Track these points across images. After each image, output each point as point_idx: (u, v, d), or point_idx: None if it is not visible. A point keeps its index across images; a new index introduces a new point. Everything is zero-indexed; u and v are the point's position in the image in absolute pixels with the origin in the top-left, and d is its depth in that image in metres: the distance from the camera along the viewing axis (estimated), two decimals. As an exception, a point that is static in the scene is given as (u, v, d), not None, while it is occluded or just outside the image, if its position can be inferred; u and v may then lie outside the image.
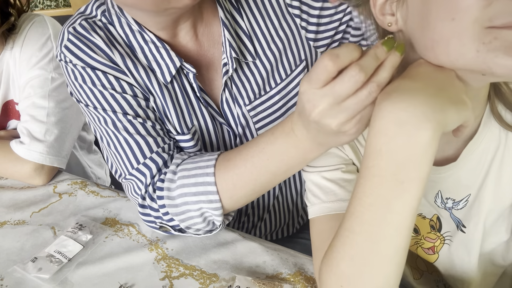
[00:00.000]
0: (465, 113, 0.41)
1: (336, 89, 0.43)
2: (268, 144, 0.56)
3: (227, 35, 0.67)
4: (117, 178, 0.72)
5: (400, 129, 0.39)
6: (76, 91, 0.70)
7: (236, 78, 0.72)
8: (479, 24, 0.36)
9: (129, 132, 0.67)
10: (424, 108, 0.38)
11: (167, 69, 0.68)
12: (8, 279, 0.67)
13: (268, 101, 0.75)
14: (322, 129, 0.47)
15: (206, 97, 0.72)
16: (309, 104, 0.45)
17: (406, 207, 0.40)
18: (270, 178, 0.59)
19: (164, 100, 0.69)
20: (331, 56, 0.41)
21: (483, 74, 0.40)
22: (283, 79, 0.74)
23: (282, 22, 0.71)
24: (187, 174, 0.63)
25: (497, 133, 0.53)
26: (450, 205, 0.59)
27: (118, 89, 0.68)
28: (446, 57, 0.41)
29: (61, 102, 0.94)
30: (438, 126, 0.38)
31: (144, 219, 0.69)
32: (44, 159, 0.90)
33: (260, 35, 0.71)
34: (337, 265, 0.45)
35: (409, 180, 0.40)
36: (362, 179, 0.42)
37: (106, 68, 0.68)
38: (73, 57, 0.68)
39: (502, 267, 0.64)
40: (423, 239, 0.64)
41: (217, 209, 0.62)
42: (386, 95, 0.41)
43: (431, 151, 0.39)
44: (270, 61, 0.72)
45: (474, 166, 0.54)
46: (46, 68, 0.93)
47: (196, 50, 0.71)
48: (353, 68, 0.42)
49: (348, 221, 0.44)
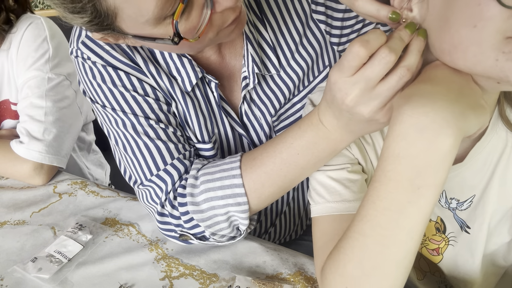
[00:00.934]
0: (484, 117, 0.41)
1: (368, 73, 0.42)
2: (296, 139, 0.55)
3: (250, 50, 0.66)
4: (131, 184, 0.69)
5: (421, 134, 0.38)
6: (92, 90, 0.67)
7: (259, 90, 0.70)
8: (501, 34, 0.36)
9: (150, 137, 0.65)
10: (445, 114, 0.38)
11: (187, 79, 0.66)
12: (8, 279, 0.67)
13: (291, 109, 0.73)
14: (354, 117, 0.47)
15: (226, 107, 0.70)
16: (341, 93, 0.45)
17: (421, 213, 0.40)
18: (299, 173, 0.58)
19: (187, 108, 0.68)
20: (361, 42, 0.41)
21: (498, 82, 0.39)
22: (306, 86, 0.72)
23: (306, 31, 0.69)
24: (211, 178, 0.61)
25: (504, 136, 0.53)
26: (454, 206, 0.59)
27: (141, 92, 0.65)
28: (463, 62, 0.40)
29: (58, 102, 0.95)
30: (459, 132, 0.38)
31: (162, 227, 0.67)
32: (44, 158, 0.89)
33: (285, 46, 0.69)
34: (343, 266, 0.45)
35: (426, 186, 0.39)
36: (377, 183, 0.42)
37: (128, 68, 0.65)
38: (92, 54, 0.64)
39: (503, 267, 0.64)
40: (428, 241, 0.64)
41: (244, 212, 0.61)
42: (406, 99, 0.41)
43: (451, 157, 0.39)
44: (296, 72, 0.70)
45: (479, 167, 0.54)
46: (43, 69, 0.94)
47: (218, 61, 0.70)
48: (382, 50, 0.41)
49: (359, 223, 0.43)
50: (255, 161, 0.60)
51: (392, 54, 0.41)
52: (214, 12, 0.52)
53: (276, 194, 0.61)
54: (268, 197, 0.61)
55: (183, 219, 0.64)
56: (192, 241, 0.67)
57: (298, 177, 0.59)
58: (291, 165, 0.57)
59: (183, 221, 0.64)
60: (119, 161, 0.70)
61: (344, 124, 0.50)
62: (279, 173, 0.58)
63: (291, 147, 0.56)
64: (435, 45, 0.43)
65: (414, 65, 0.43)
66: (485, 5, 0.35)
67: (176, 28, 0.50)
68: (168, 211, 0.64)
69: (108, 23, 0.51)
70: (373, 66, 0.42)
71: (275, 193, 0.61)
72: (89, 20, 0.49)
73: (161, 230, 0.67)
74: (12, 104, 1.03)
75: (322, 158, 0.56)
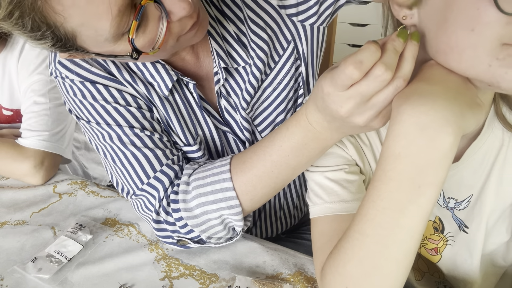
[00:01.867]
0: (480, 115, 0.41)
1: (363, 89, 0.42)
2: (285, 141, 0.56)
3: (214, 45, 0.65)
4: (124, 196, 0.69)
5: (421, 133, 0.38)
6: (76, 108, 0.67)
7: (233, 84, 0.70)
8: (497, 39, 0.36)
9: (137, 146, 0.65)
10: (445, 112, 0.38)
11: (163, 83, 0.65)
12: (8, 279, 0.67)
13: (262, 96, 0.72)
14: (347, 124, 0.47)
15: (207, 106, 0.70)
16: (335, 105, 0.45)
17: (421, 212, 0.40)
18: (291, 173, 0.58)
19: (166, 113, 0.68)
20: (355, 65, 0.41)
21: (490, 85, 0.40)
22: (273, 68, 0.71)
23: (259, 13, 0.67)
24: (202, 182, 0.62)
25: (500, 135, 0.53)
26: (452, 205, 0.59)
27: (122, 102, 0.65)
28: (457, 64, 0.40)
29: (59, 99, 0.99)
30: (459, 130, 0.38)
31: (159, 235, 0.67)
32: (48, 146, 0.92)
33: (250, 34, 0.68)
34: (343, 266, 0.45)
35: (426, 185, 0.39)
36: (377, 182, 0.42)
37: (106, 80, 0.65)
38: (69, 72, 0.65)
39: (503, 267, 0.64)
40: (426, 240, 0.64)
41: (237, 214, 0.61)
42: (405, 98, 0.41)
43: (451, 155, 0.39)
44: (261, 58, 0.69)
45: (476, 166, 0.54)
46: (44, 72, 0.98)
47: (193, 61, 0.70)
48: (378, 68, 0.41)
49: (359, 223, 0.44)
50: (245, 164, 0.60)
51: (388, 72, 0.41)
52: (170, 21, 0.52)
53: (269, 194, 0.62)
54: (262, 198, 0.62)
55: (178, 224, 0.64)
56: (190, 245, 0.67)
57: (290, 177, 0.60)
58: (282, 166, 0.57)
59: (179, 226, 0.64)
60: (110, 174, 0.70)
61: (336, 127, 0.50)
62: (271, 175, 0.58)
63: (280, 149, 0.56)
64: (431, 44, 0.43)
65: (410, 73, 0.43)
66: (484, 10, 0.35)
67: (133, 44, 0.51)
68: (163, 217, 0.64)
69: (70, 45, 0.51)
70: (368, 83, 0.42)
71: (268, 194, 0.62)
72: (51, 44, 0.50)
73: (159, 237, 0.67)
74: (4, 109, 1.06)
75: (313, 157, 0.56)
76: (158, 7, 0.50)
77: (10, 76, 1.02)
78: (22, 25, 0.46)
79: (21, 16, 0.45)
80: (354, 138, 0.60)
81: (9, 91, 1.03)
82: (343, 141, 0.60)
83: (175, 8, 0.50)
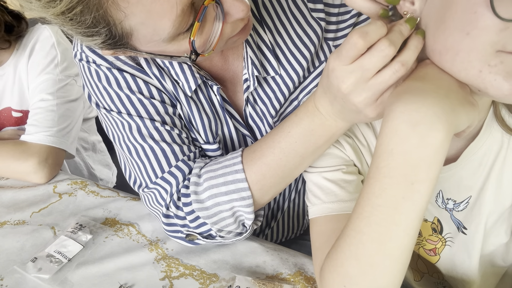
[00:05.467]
0: (473, 114, 0.41)
1: (365, 63, 0.43)
2: (293, 127, 0.56)
3: (249, 53, 0.65)
4: (135, 189, 0.69)
5: (413, 129, 0.39)
6: (97, 94, 0.66)
7: (261, 92, 0.70)
8: (491, 46, 0.36)
9: (155, 139, 0.64)
10: (436, 109, 0.38)
11: (187, 84, 0.65)
12: (8, 279, 0.67)
13: (289, 107, 0.73)
14: (346, 105, 0.48)
15: (230, 109, 0.70)
16: (337, 80, 0.46)
17: (415, 208, 0.40)
18: (299, 161, 0.58)
19: (190, 110, 0.67)
20: (360, 34, 0.42)
21: (479, 90, 0.40)
22: (301, 83, 0.72)
23: (307, 30, 0.68)
24: (214, 174, 0.62)
25: (499, 137, 0.53)
26: (451, 206, 0.59)
27: (146, 94, 0.65)
28: (450, 66, 0.41)
29: (67, 97, 1.02)
30: (450, 127, 0.38)
31: (168, 229, 0.67)
32: (53, 141, 0.94)
33: (285, 48, 0.68)
34: (341, 265, 0.45)
35: (420, 181, 0.39)
36: (372, 180, 0.42)
37: (133, 70, 0.64)
38: (96, 56, 0.64)
39: (502, 268, 0.64)
40: (425, 241, 0.64)
41: (249, 206, 0.61)
42: (397, 96, 0.41)
43: (443, 152, 0.39)
44: (297, 71, 0.69)
45: (475, 168, 0.54)
46: (53, 72, 1.01)
47: (221, 64, 0.70)
48: (382, 42, 0.42)
49: (355, 221, 0.44)
50: (255, 153, 0.60)
51: (392, 47, 0.42)
52: (225, 23, 0.52)
53: (278, 185, 0.62)
54: (271, 188, 0.61)
55: (189, 218, 0.64)
56: (199, 241, 0.67)
57: (298, 166, 0.60)
58: (290, 154, 0.57)
59: (189, 220, 0.64)
60: (124, 165, 0.70)
61: (338, 111, 0.51)
62: (279, 163, 0.58)
63: (288, 135, 0.56)
64: (428, 43, 0.43)
65: (410, 61, 0.43)
66: (481, 14, 0.35)
67: (193, 46, 0.50)
68: (173, 212, 0.64)
69: (122, 43, 0.50)
70: (371, 57, 0.42)
71: (276, 184, 0.61)
72: (101, 41, 0.49)
73: (167, 232, 0.67)
74: (14, 111, 1.08)
75: (320, 145, 0.56)
76: (215, 7, 0.50)
77: (21, 78, 1.04)
78: (80, 21, 0.44)
79: (82, 12, 0.43)
80: (351, 139, 0.60)
81: (19, 92, 1.05)
82: (340, 141, 0.60)
83: (234, 9, 0.50)
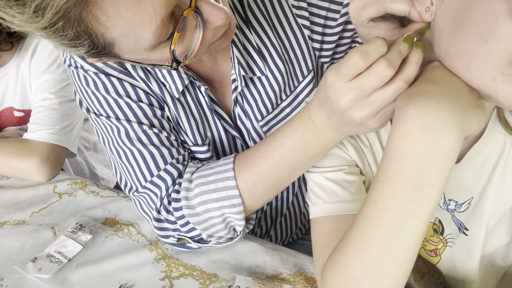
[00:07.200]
0: (483, 118, 0.41)
1: (363, 82, 0.43)
2: (287, 137, 0.56)
3: (235, 53, 0.65)
4: (127, 193, 0.70)
5: (425, 133, 0.38)
6: (87, 99, 0.67)
7: (247, 93, 0.70)
8: (508, 55, 0.36)
9: (143, 143, 0.65)
10: (449, 113, 0.38)
11: (174, 86, 0.66)
12: (8, 279, 0.67)
13: (280, 114, 0.73)
14: (345, 120, 0.48)
15: (218, 110, 0.70)
16: (335, 96, 0.45)
17: (423, 212, 0.40)
18: (291, 171, 0.59)
19: (177, 112, 0.68)
20: (361, 54, 0.41)
21: (488, 97, 0.40)
22: (292, 91, 0.72)
23: (289, 34, 0.68)
24: (205, 180, 0.62)
25: (503, 139, 0.53)
26: (453, 207, 0.59)
27: (134, 97, 0.65)
28: (463, 71, 0.40)
29: (69, 97, 1.02)
30: (462, 131, 0.38)
31: (159, 234, 0.67)
32: (55, 139, 0.95)
33: (271, 48, 0.68)
34: (345, 267, 0.45)
35: (429, 185, 0.39)
36: (380, 183, 0.42)
37: (120, 74, 0.65)
38: (83, 62, 0.65)
39: (502, 268, 0.64)
40: (426, 241, 0.64)
41: (239, 213, 0.61)
42: (408, 99, 0.41)
43: (454, 156, 0.39)
44: (282, 73, 0.69)
45: (478, 169, 0.54)
46: (56, 72, 1.02)
47: (210, 65, 0.70)
48: (381, 63, 0.42)
49: (362, 223, 0.43)
50: (248, 161, 0.60)
51: (390, 69, 0.42)
52: (206, 29, 0.52)
53: (269, 193, 0.62)
54: (262, 196, 0.61)
55: (179, 223, 0.64)
56: (190, 245, 0.67)
57: (291, 176, 0.60)
58: (283, 164, 0.57)
59: (180, 225, 0.64)
60: (115, 168, 0.70)
61: (334, 123, 0.51)
62: (271, 172, 0.59)
63: (282, 145, 0.57)
64: (441, 45, 0.42)
65: (412, 78, 0.43)
66: (501, 23, 0.35)
67: (174, 55, 0.51)
68: (164, 216, 0.64)
69: (105, 52, 0.51)
70: (369, 77, 0.42)
71: (268, 192, 0.61)
72: (85, 51, 0.50)
73: (159, 236, 0.67)
74: (16, 110, 1.08)
75: (313, 156, 0.56)
76: (195, 16, 0.50)
77: (23, 78, 1.04)
78: (62, 34, 0.46)
79: (64, 27, 0.44)
80: (354, 139, 0.60)
81: (21, 92, 1.06)
82: (343, 142, 0.60)
83: (213, 17, 0.51)
